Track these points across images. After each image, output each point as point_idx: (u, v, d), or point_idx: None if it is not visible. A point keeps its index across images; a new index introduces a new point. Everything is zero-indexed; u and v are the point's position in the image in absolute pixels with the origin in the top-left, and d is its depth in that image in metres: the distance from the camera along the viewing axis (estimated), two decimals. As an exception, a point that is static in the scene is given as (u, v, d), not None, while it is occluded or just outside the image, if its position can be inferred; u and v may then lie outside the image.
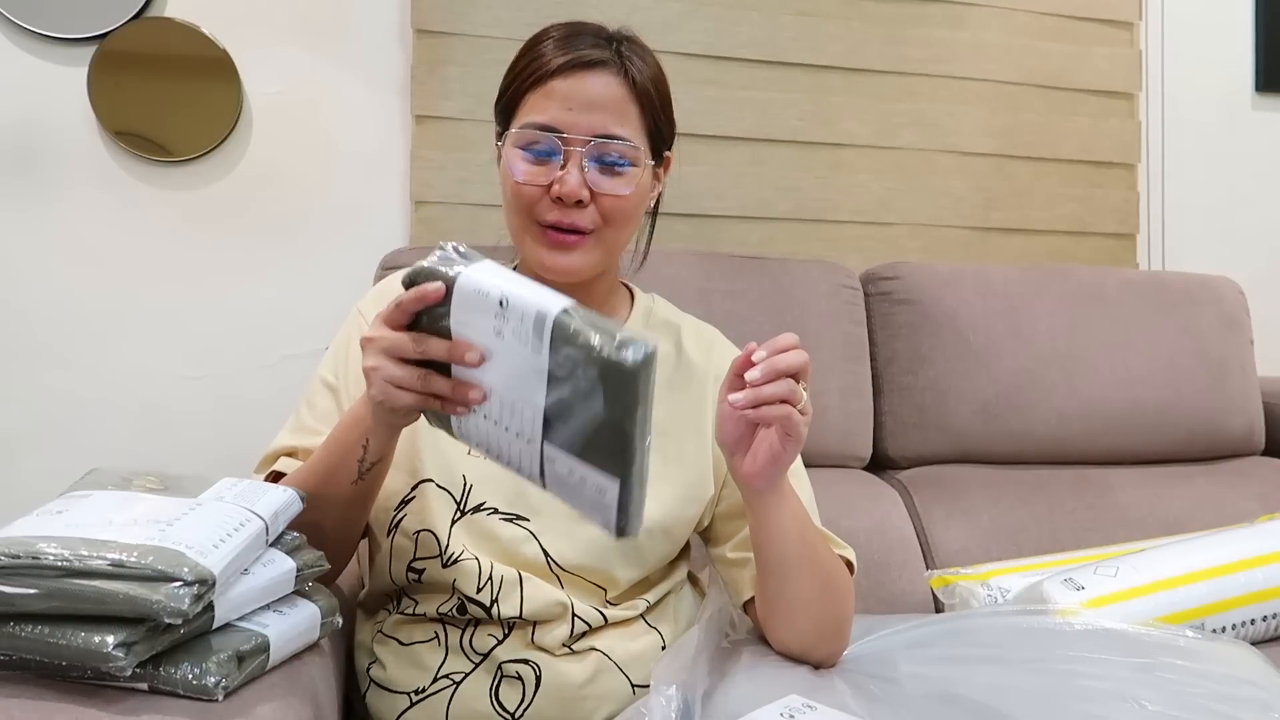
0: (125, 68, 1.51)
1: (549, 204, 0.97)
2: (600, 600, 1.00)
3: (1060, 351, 1.60)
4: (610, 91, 0.97)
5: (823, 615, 0.97)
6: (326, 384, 1.04)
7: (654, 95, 1.01)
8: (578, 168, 0.96)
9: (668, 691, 0.84)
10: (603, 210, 0.98)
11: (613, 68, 0.98)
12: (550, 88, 0.97)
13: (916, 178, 1.83)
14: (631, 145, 0.98)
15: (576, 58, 0.96)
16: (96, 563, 0.70)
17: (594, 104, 0.96)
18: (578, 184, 0.96)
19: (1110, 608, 1.22)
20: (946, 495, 1.52)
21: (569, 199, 0.96)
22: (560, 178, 0.96)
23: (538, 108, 0.97)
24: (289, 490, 0.87)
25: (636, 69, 0.99)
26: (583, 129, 0.96)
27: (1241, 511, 1.53)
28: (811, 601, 0.96)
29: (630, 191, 0.98)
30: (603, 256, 1.02)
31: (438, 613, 0.99)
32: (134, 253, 1.54)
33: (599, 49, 0.98)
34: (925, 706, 0.91)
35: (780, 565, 0.94)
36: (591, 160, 0.96)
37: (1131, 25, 1.96)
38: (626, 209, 1.00)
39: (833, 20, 1.78)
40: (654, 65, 1.03)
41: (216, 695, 0.73)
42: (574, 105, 0.96)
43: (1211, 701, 0.90)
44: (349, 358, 1.04)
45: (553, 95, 0.96)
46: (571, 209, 0.97)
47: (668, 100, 1.04)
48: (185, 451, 1.53)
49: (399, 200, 1.63)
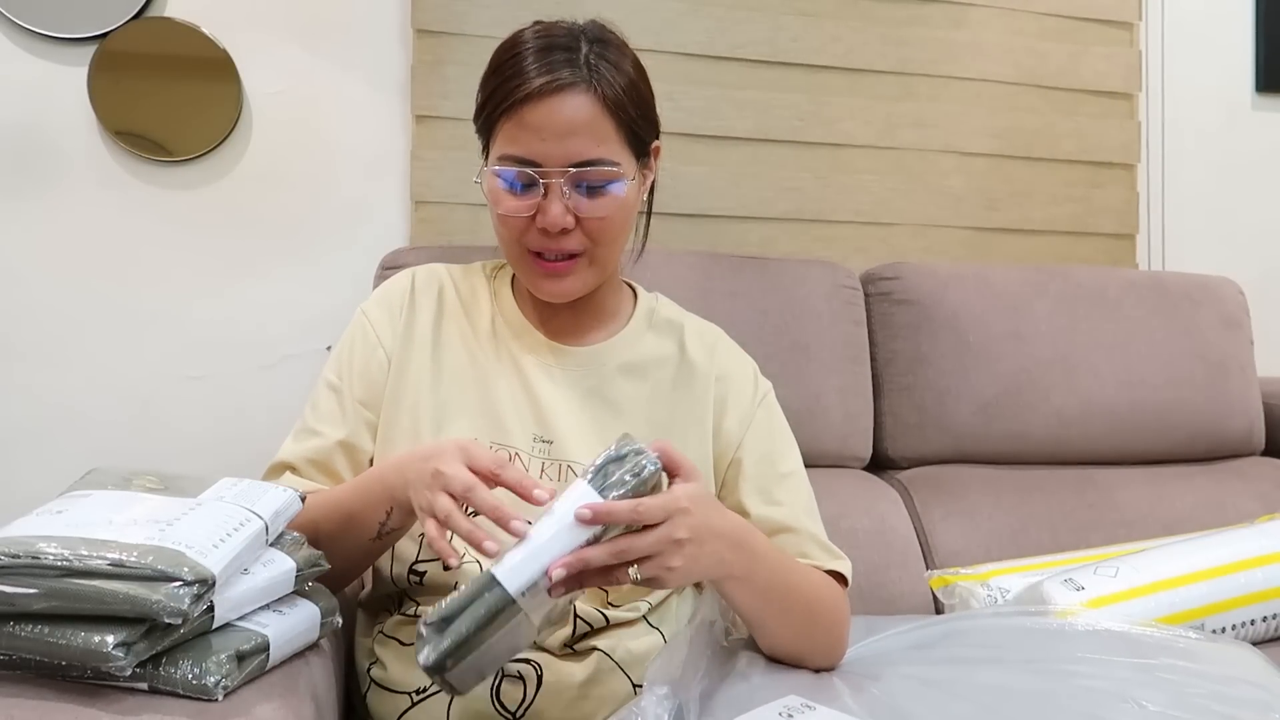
0: (125, 68, 1.51)
1: (536, 234, 0.97)
2: (602, 601, 1.00)
3: (1060, 351, 1.60)
4: (584, 113, 0.94)
5: (804, 643, 0.99)
6: (330, 385, 1.05)
7: (629, 105, 0.97)
8: (558, 197, 0.95)
9: (660, 691, 0.84)
10: (589, 232, 0.98)
11: (583, 86, 0.94)
12: (522, 117, 0.94)
13: (916, 178, 1.83)
14: (611, 165, 0.96)
15: (547, 83, 0.93)
16: (96, 562, 0.70)
17: (568, 129, 0.94)
18: (560, 214, 0.95)
19: (1110, 608, 1.22)
20: (946, 495, 1.52)
21: (552, 229, 0.96)
22: (543, 207, 0.95)
23: (512, 139, 0.95)
24: (289, 490, 0.88)
25: (608, 83, 0.96)
26: (558, 159, 0.94)
27: (1241, 511, 1.53)
28: (789, 636, 0.98)
29: (615, 210, 0.98)
30: (598, 273, 1.02)
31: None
32: (134, 253, 1.54)
33: (570, 67, 0.95)
34: (924, 708, 0.91)
35: (753, 623, 0.98)
36: (571, 187, 0.95)
37: (1131, 25, 1.96)
38: (613, 228, 0.99)
39: (833, 20, 1.78)
40: (627, 70, 0.99)
41: (216, 695, 0.73)
42: (548, 135, 0.94)
43: (1212, 702, 0.90)
44: (353, 358, 1.05)
45: (525, 125, 0.94)
46: (557, 236, 0.97)
47: (646, 101, 1.01)
48: (185, 451, 1.53)
49: (399, 200, 1.63)
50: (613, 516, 0.79)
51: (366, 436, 1.03)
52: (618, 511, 0.79)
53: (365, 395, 1.04)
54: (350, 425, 1.03)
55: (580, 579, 0.79)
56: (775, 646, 0.99)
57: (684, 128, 1.68)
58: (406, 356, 1.04)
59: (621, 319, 1.11)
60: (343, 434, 1.02)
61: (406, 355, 1.04)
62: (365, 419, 1.03)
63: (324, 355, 1.57)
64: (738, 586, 0.92)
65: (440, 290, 1.08)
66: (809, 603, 0.97)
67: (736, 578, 0.91)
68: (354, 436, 1.03)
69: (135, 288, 1.54)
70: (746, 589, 0.93)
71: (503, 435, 1.02)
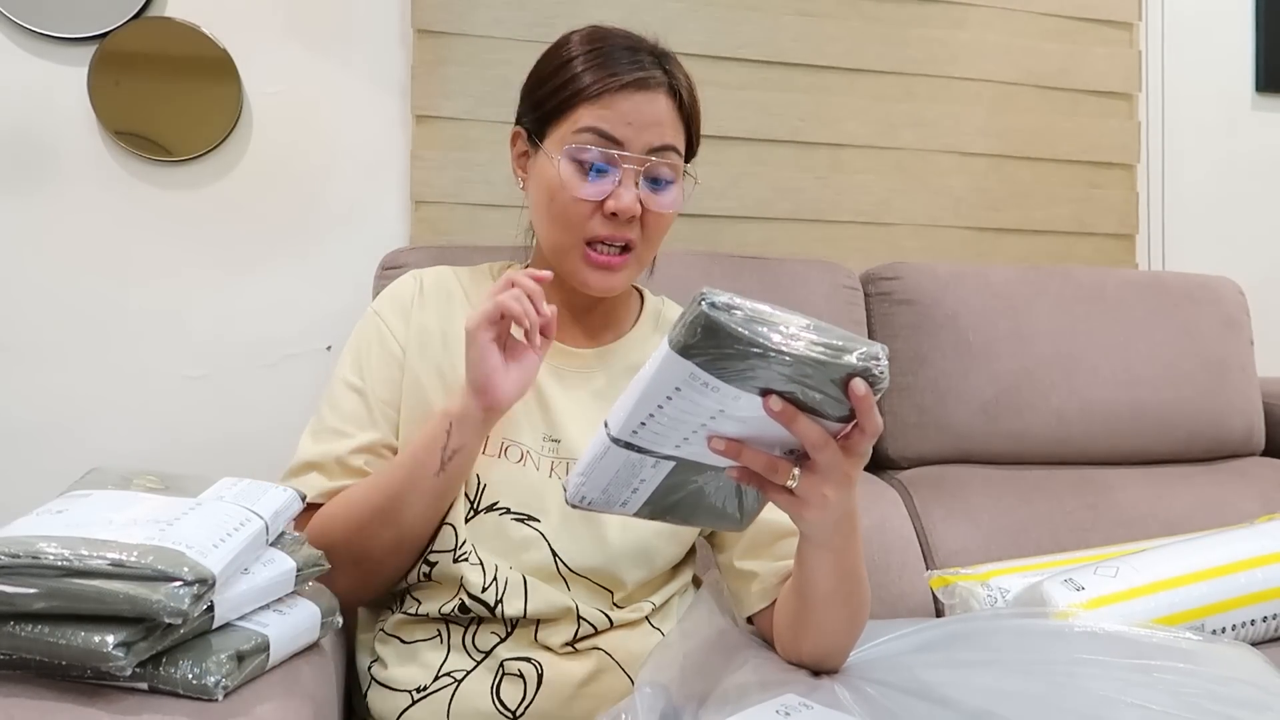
0: (125, 67, 1.51)
1: (601, 220, 0.99)
2: (607, 603, 1.01)
3: (1060, 351, 1.60)
4: (667, 114, 1.01)
5: (845, 638, 0.96)
6: (351, 386, 1.05)
7: (694, 112, 1.05)
8: (633, 184, 0.98)
9: (649, 691, 0.84)
10: (646, 225, 1.01)
11: (669, 89, 1.01)
12: (613, 103, 0.98)
13: (916, 178, 1.83)
14: (679, 160, 1.02)
15: (643, 77, 0.99)
16: (96, 562, 0.70)
17: (653, 122, 0.99)
18: (633, 200, 0.98)
19: (1110, 608, 1.22)
20: (946, 495, 1.52)
21: (624, 214, 0.98)
22: (615, 193, 0.98)
23: (600, 118, 0.98)
24: (289, 490, 0.88)
25: (685, 90, 1.03)
26: (640, 146, 0.98)
27: (1241, 512, 1.53)
28: (838, 628, 0.95)
29: (675, 207, 1.02)
30: (637, 271, 1.05)
31: (440, 612, 0.99)
32: (134, 252, 1.54)
33: (659, 69, 1.01)
34: (922, 709, 0.91)
35: (808, 599, 0.91)
36: (644, 179, 0.99)
37: (1131, 25, 1.96)
38: (665, 225, 1.04)
39: (833, 20, 1.78)
40: (690, 79, 1.06)
41: (216, 695, 0.73)
42: (635, 122, 0.98)
43: (1211, 703, 0.90)
44: (371, 358, 1.05)
45: (616, 109, 0.98)
46: (623, 224, 0.99)
47: (700, 115, 1.07)
48: (185, 451, 1.53)
49: (399, 200, 1.63)
50: (866, 416, 0.72)
51: (393, 435, 1.04)
52: (869, 416, 0.72)
53: (388, 393, 1.04)
54: (379, 427, 1.03)
55: (738, 453, 0.73)
56: (815, 639, 0.94)
57: (684, 128, 1.68)
58: (418, 354, 1.04)
59: (629, 321, 1.12)
60: (373, 435, 1.02)
61: (417, 355, 1.04)
62: (390, 418, 1.04)
63: (324, 355, 1.58)
64: (830, 558, 0.87)
65: (448, 292, 1.09)
66: (863, 601, 0.94)
67: (837, 548, 0.87)
68: (383, 436, 1.03)
69: (135, 287, 1.54)
70: (833, 562, 0.88)
71: (512, 434, 1.02)
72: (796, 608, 0.94)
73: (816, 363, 0.67)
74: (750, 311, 0.66)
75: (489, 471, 1.00)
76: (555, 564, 0.99)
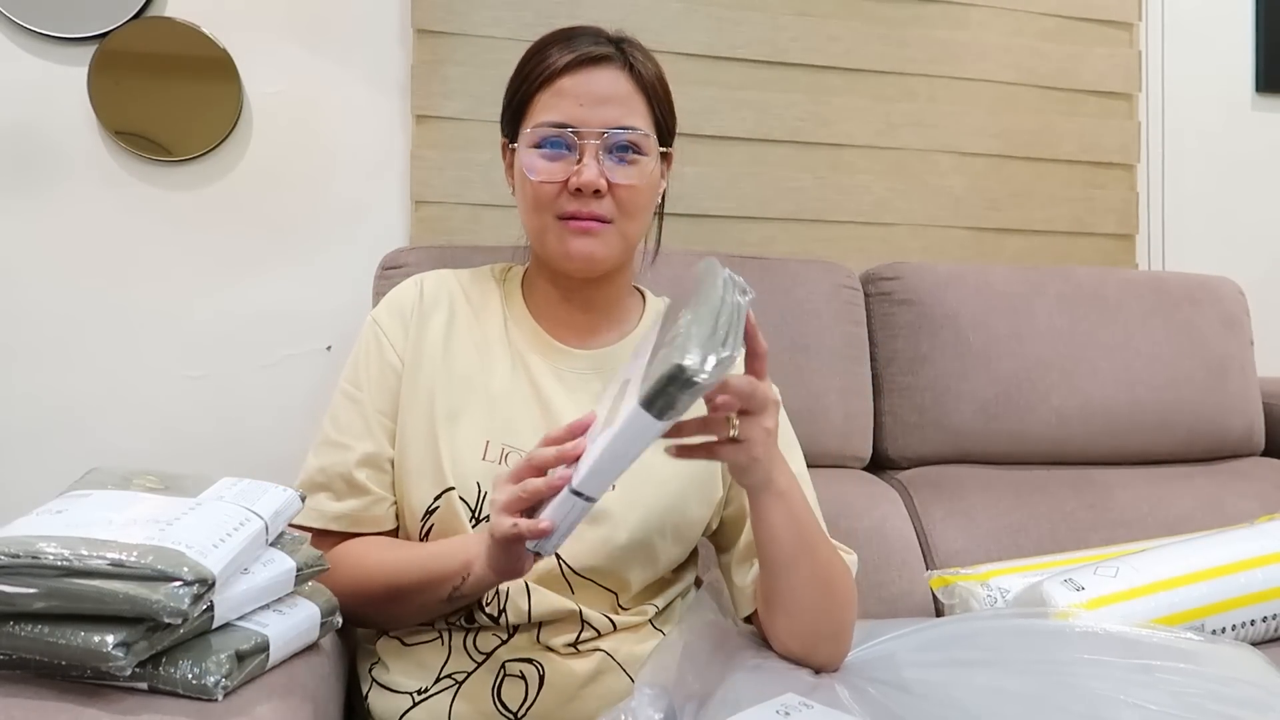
0: (125, 67, 1.50)
1: (568, 197, 0.99)
2: (611, 606, 1.01)
3: (1060, 351, 1.60)
4: (618, 86, 1.00)
5: (821, 617, 0.95)
6: (350, 397, 1.05)
7: (658, 89, 1.04)
8: (594, 159, 0.98)
9: (649, 691, 0.84)
10: (618, 200, 1.00)
11: (617, 63, 1.01)
12: (559, 86, 0.99)
13: (916, 178, 1.83)
14: (643, 134, 1.00)
15: (583, 54, 0.99)
16: (96, 562, 0.70)
17: (604, 98, 0.99)
18: (595, 174, 0.98)
19: (1110, 608, 1.22)
20: (946, 495, 1.52)
21: (588, 189, 0.98)
22: (577, 170, 0.98)
23: (549, 106, 0.99)
24: (288, 490, 0.88)
25: (640, 64, 1.03)
26: (595, 122, 0.98)
27: (1241, 512, 1.53)
28: (810, 602, 0.94)
29: (644, 180, 1.01)
30: (621, 248, 1.03)
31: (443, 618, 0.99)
32: (134, 252, 1.54)
33: (601, 46, 1.01)
34: (922, 709, 0.91)
35: (774, 563, 0.93)
36: (606, 151, 0.98)
37: (1131, 26, 1.96)
38: (641, 199, 1.02)
39: (833, 20, 1.78)
40: (655, 63, 1.06)
41: (216, 695, 0.73)
42: (584, 100, 0.98)
43: (1211, 703, 0.90)
44: (369, 368, 1.05)
45: (563, 93, 0.99)
46: (590, 199, 0.98)
47: (670, 97, 1.06)
48: (185, 451, 1.53)
49: (399, 200, 1.63)
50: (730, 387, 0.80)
51: (389, 445, 1.04)
52: (735, 384, 0.80)
53: (384, 404, 1.04)
54: (375, 437, 1.03)
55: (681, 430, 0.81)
56: (788, 608, 0.94)
57: (684, 128, 1.61)
58: (418, 362, 1.04)
59: (631, 322, 1.12)
60: (369, 447, 1.02)
61: (418, 361, 1.04)
62: (386, 428, 1.04)
63: (324, 355, 1.58)
64: (782, 504, 0.89)
65: (450, 296, 1.08)
66: (829, 560, 0.95)
67: (784, 490, 0.89)
68: (379, 447, 1.03)
69: (135, 287, 1.54)
70: (786, 509, 0.89)
71: (512, 437, 1.02)
72: (766, 582, 0.95)
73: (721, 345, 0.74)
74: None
75: (490, 479, 0.99)
76: (560, 567, 0.99)
